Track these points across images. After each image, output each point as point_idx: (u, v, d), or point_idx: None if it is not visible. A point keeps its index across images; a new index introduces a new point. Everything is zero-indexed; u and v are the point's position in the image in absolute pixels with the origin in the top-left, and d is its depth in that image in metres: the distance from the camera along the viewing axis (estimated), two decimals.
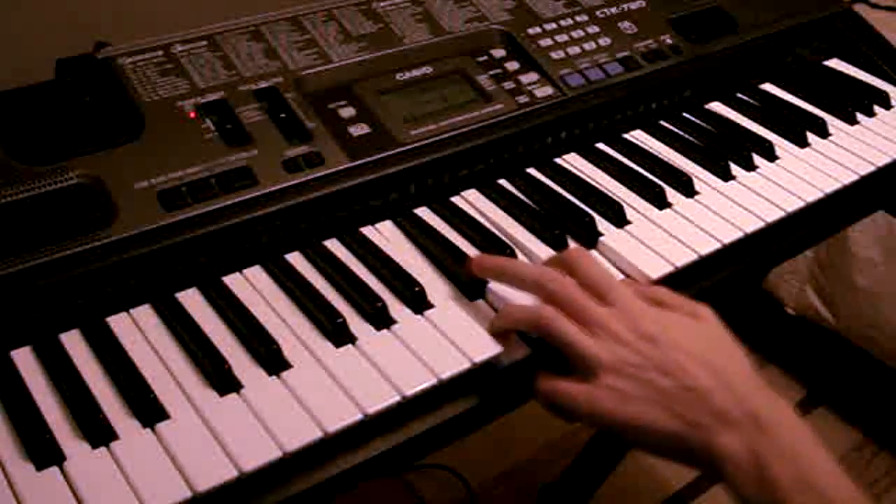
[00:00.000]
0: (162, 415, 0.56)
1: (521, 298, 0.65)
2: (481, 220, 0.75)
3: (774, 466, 0.54)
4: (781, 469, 0.54)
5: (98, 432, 0.55)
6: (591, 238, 0.74)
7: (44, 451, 0.53)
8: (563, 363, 0.62)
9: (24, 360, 0.59)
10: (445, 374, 0.61)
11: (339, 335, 0.62)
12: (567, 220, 0.75)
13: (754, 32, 0.98)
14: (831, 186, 0.84)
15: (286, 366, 0.60)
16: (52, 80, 0.74)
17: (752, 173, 0.85)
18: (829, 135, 0.92)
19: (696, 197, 0.80)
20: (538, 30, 0.88)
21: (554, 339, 0.61)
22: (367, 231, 0.73)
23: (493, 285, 0.67)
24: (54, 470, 0.53)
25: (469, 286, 0.68)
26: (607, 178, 0.82)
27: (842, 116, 0.94)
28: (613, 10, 0.93)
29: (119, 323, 0.62)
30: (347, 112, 0.75)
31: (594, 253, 0.73)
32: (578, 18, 0.91)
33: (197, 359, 0.60)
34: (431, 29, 0.85)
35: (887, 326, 1.60)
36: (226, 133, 0.71)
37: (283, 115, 0.73)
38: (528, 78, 0.84)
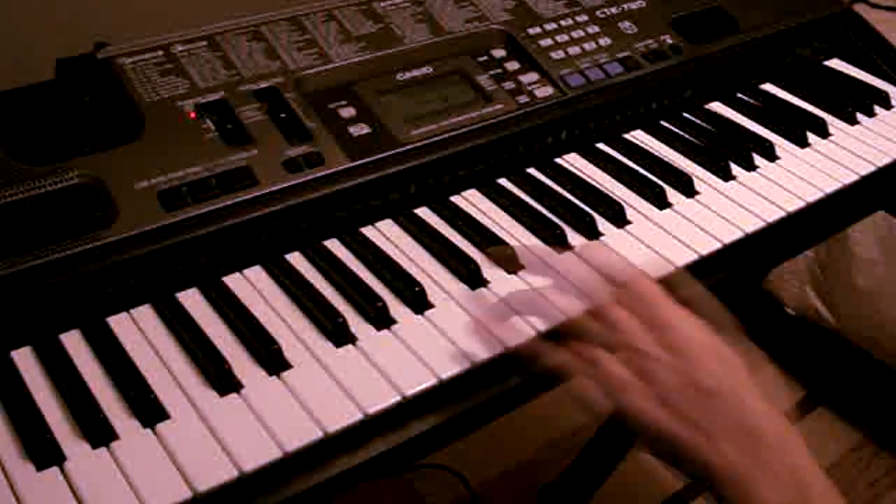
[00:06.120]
0: (162, 415, 0.56)
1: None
2: (481, 219, 0.75)
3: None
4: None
5: (98, 432, 0.55)
6: (591, 238, 0.74)
7: (44, 451, 0.53)
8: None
9: (24, 360, 0.59)
10: (446, 374, 0.61)
11: (339, 335, 0.62)
12: (567, 220, 0.75)
13: (754, 32, 0.98)
14: (831, 186, 0.84)
15: (286, 366, 0.60)
16: (52, 80, 0.74)
17: (753, 173, 0.85)
18: (830, 135, 0.92)
19: (697, 197, 0.80)
20: (538, 30, 0.88)
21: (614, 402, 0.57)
22: (367, 231, 0.73)
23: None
24: (54, 470, 0.53)
25: (470, 277, 0.68)
26: (607, 178, 0.82)
27: (842, 116, 0.94)
28: (613, 10, 0.93)
29: (119, 323, 0.62)
30: (347, 112, 0.75)
31: None
32: (578, 18, 0.91)
33: (197, 359, 0.60)
34: (431, 29, 0.85)
35: (887, 326, 1.60)
36: (226, 133, 0.71)
37: (283, 115, 0.73)
38: (529, 78, 0.84)
